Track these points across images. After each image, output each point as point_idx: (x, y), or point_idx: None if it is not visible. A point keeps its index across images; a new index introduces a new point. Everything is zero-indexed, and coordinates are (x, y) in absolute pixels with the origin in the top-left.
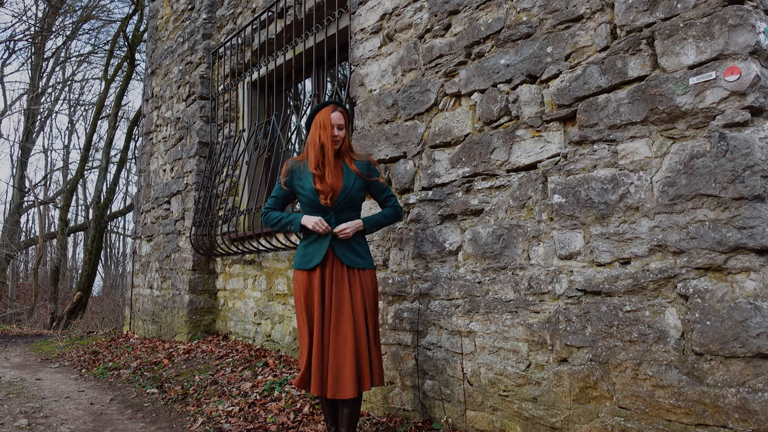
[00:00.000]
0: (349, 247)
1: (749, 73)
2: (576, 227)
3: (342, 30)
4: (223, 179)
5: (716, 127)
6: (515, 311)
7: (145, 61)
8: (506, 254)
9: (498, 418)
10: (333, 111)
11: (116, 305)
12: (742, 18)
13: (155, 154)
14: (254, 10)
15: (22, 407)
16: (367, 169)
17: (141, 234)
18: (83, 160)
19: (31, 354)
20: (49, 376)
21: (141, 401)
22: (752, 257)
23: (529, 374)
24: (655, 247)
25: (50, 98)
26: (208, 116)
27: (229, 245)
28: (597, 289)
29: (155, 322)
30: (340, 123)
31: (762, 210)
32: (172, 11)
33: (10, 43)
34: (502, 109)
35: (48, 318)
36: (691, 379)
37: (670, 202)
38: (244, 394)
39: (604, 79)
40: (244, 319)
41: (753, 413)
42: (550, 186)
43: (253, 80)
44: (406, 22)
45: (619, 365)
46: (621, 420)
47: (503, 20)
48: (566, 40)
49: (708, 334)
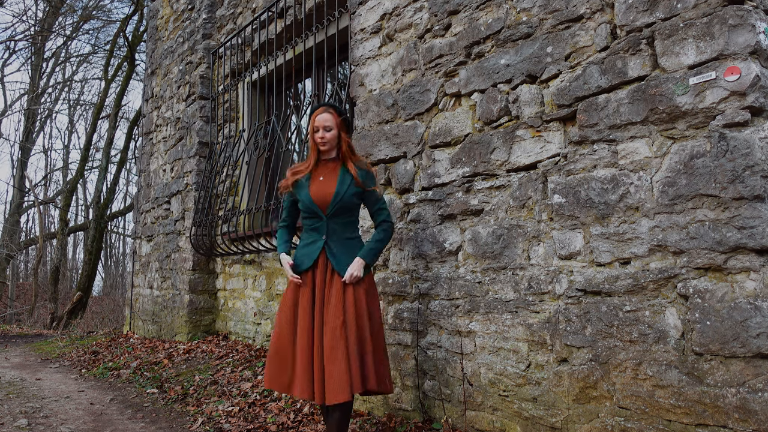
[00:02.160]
0: (344, 250)
1: (749, 73)
2: (576, 227)
3: (342, 30)
4: (223, 179)
5: (716, 127)
6: (515, 311)
7: (145, 61)
8: (506, 254)
9: (498, 418)
10: (321, 113)
11: (116, 305)
12: (742, 18)
13: (155, 154)
14: (254, 10)
15: (22, 407)
16: (365, 177)
17: (141, 234)
18: (83, 160)
19: (31, 354)
20: (49, 376)
21: (141, 401)
22: (752, 257)
23: (529, 374)
24: (655, 247)
25: (50, 98)
26: (208, 116)
27: (229, 245)
28: (597, 289)
29: (155, 322)
30: (327, 124)
31: (762, 210)
32: (172, 11)
33: (10, 43)
34: (502, 109)
35: (48, 318)
36: (691, 379)
37: (670, 202)
38: (244, 394)
39: (604, 79)
40: (244, 319)
41: (753, 413)
42: (550, 186)
43: (253, 80)
44: (406, 22)
45: (619, 365)
46: (621, 420)
47: (503, 20)
48: (566, 40)
49: (708, 334)
